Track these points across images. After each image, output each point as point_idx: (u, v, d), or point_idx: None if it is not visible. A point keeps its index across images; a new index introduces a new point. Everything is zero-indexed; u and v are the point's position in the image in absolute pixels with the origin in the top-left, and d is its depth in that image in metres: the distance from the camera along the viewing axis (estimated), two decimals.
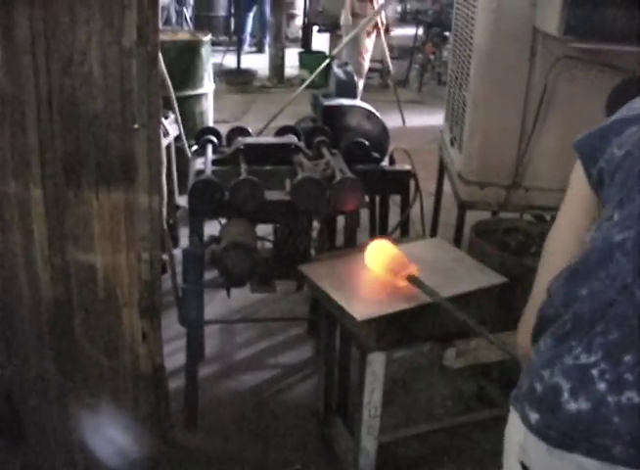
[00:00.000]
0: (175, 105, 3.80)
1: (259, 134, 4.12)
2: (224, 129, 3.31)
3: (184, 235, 3.48)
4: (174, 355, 2.87)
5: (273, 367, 3.27)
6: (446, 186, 3.81)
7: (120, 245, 2.26)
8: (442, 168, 3.95)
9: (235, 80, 8.82)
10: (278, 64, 9.11)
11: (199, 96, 4.92)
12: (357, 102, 3.60)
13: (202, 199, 2.61)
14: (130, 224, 2.24)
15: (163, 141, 3.58)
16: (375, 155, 3.28)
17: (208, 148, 3.05)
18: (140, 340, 2.38)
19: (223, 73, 8.82)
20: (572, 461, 1.05)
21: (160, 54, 2.60)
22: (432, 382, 3.12)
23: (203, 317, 2.81)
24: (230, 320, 3.55)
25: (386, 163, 3.35)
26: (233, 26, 11.12)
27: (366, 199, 2.87)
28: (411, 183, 3.33)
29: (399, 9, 12.04)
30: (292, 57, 9.39)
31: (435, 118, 6.55)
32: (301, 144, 3.06)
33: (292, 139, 3.10)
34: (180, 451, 2.65)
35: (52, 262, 2.24)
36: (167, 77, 3.60)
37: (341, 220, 2.96)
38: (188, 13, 10.56)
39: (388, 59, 7.54)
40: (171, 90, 3.70)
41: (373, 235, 3.68)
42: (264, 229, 3.15)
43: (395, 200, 3.46)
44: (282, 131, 3.27)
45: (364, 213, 3.74)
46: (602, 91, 2.72)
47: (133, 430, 2.48)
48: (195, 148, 3.23)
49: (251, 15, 10.95)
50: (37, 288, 2.26)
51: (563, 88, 2.93)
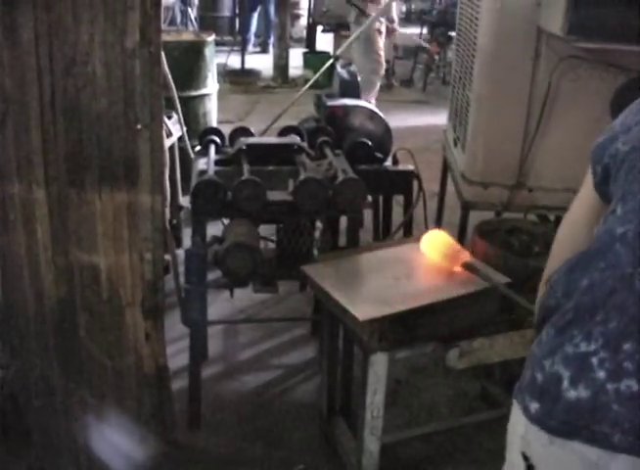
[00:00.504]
0: (178, 105, 3.80)
1: (263, 134, 4.12)
2: (228, 130, 3.31)
3: (187, 235, 3.48)
4: (178, 356, 2.88)
5: (276, 368, 3.27)
6: (450, 186, 3.81)
7: (123, 245, 2.26)
8: (446, 168, 3.94)
9: (239, 80, 8.82)
10: (282, 64, 9.11)
11: (203, 96, 4.93)
12: (360, 102, 3.60)
13: (204, 199, 2.61)
14: (133, 225, 2.25)
15: (167, 142, 3.59)
16: (378, 155, 3.28)
17: (211, 148, 3.05)
18: (143, 340, 2.39)
19: (227, 74, 8.82)
20: (573, 450, 1.06)
21: (164, 54, 2.62)
22: (435, 382, 3.12)
23: (206, 318, 2.80)
24: (233, 321, 3.55)
25: (389, 163, 3.35)
26: (237, 27, 11.13)
27: (369, 199, 2.87)
28: (414, 183, 3.33)
29: (404, 9, 12.04)
30: (296, 57, 9.39)
31: (440, 118, 6.55)
32: (304, 144, 3.06)
33: (294, 139, 3.10)
34: (183, 452, 2.65)
35: (55, 263, 2.25)
36: (170, 78, 3.60)
37: (344, 221, 2.96)
38: (193, 13, 10.58)
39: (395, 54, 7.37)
40: (174, 90, 3.71)
41: (376, 235, 3.68)
42: (267, 229, 3.15)
43: (399, 200, 3.46)
44: (285, 131, 3.27)
45: (367, 214, 3.75)
46: (606, 91, 2.71)
47: (136, 430, 2.49)
48: (198, 148, 3.23)
49: (256, 15, 10.95)
50: (41, 288, 2.27)
51: (567, 88, 2.92)
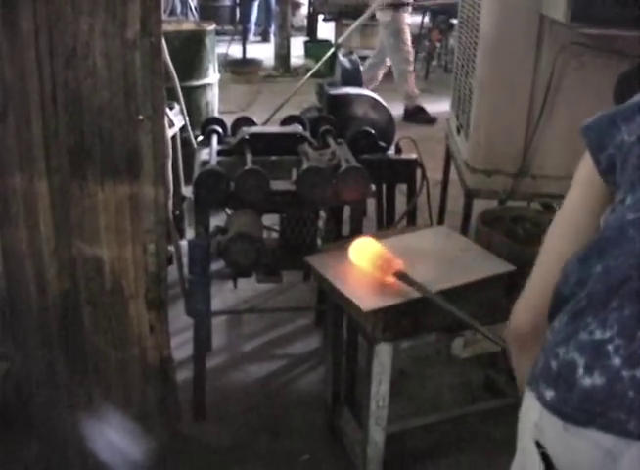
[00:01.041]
0: (180, 96, 3.79)
1: (265, 124, 4.11)
2: (230, 119, 3.30)
3: (190, 226, 3.48)
4: (182, 347, 2.88)
5: (281, 358, 3.27)
6: (453, 175, 3.79)
7: (126, 237, 2.26)
8: (449, 157, 3.92)
9: (240, 70, 8.78)
10: (283, 53, 9.07)
11: (204, 86, 4.91)
12: (363, 90, 3.58)
13: (207, 190, 2.60)
14: (136, 216, 2.24)
15: (169, 132, 3.58)
16: (381, 144, 3.27)
17: (214, 138, 3.04)
18: (147, 332, 2.39)
19: (228, 63, 8.78)
20: (588, 437, 1.06)
21: (165, 44, 2.60)
22: (439, 372, 3.12)
23: (210, 308, 2.80)
24: (237, 311, 3.55)
25: (392, 151, 3.34)
26: (238, 16, 11.09)
27: (372, 188, 2.86)
28: (418, 172, 3.32)
29: None
30: (297, 46, 9.35)
31: (442, 106, 6.53)
32: (307, 134, 3.05)
33: (297, 129, 3.09)
34: (188, 442, 2.66)
35: (58, 255, 2.24)
36: (172, 68, 3.59)
37: (347, 210, 2.96)
38: (193, 2, 10.51)
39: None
40: (176, 81, 3.69)
41: (380, 225, 3.67)
42: (270, 219, 3.14)
43: (402, 189, 3.45)
44: (287, 121, 3.26)
45: (371, 203, 3.74)
46: (610, 78, 2.68)
47: (141, 421, 2.49)
48: (200, 138, 3.22)
49: (257, 4, 10.90)
50: (44, 281, 2.26)
51: (570, 75, 2.90)
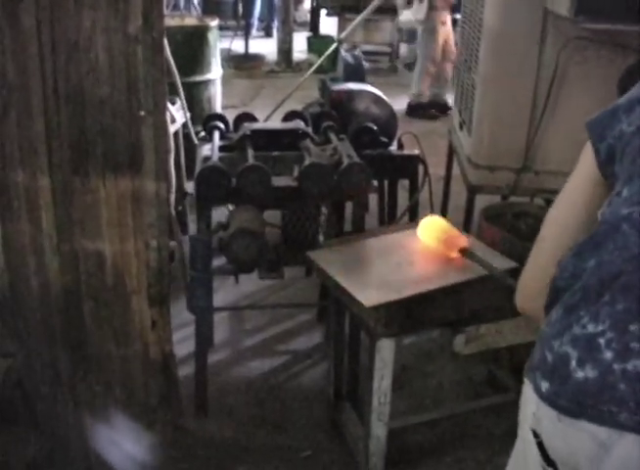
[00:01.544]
0: (182, 91, 3.78)
1: (267, 120, 4.10)
2: (233, 115, 3.29)
3: (192, 222, 3.48)
4: (184, 343, 2.88)
5: (283, 354, 3.27)
6: (456, 170, 3.79)
7: (128, 232, 2.26)
8: (451, 152, 3.92)
9: (243, 65, 8.78)
10: (286, 48, 9.07)
11: (207, 82, 4.90)
12: (365, 86, 3.57)
13: (209, 185, 2.60)
14: (138, 211, 2.24)
15: (171, 128, 3.57)
16: (383, 139, 3.26)
17: (215, 134, 3.04)
18: (149, 327, 2.39)
19: (231, 59, 8.78)
20: (581, 428, 1.08)
21: (167, 39, 2.59)
22: (441, 368, 3.11)
23: (211, 304, 2.80)
24: (239, 307, 3.55)
25: (394, 147, 3.33)
26: (241, 11, 11.07)
27: (375, 184, 2.85)
28: (420, 168, 3.31)
29: None
30: (300, 41, 9.34)
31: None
32: (309, 129, 3.04)
33: (299, 124, 3.08)
34: (190, 438, 2.66)
35: (60, 251, 2.24)
36: (173, 63, 3.58)
37: (349, 206, 2.95)
38: None
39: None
40: (177, 76, 3.68)
41: (382, 220, 3.67)
42: (272, 215, 3.14)
43: (404, 185, 3.45)
44: (289, 116, 3.25)
45: (373, 199, 3.73)
46: (613, 72, 2.68)
47: (144, 417, 2.49)
48: (202, 134, 3.22)
49: None
50: (46, 276, 2.26)
51: (574, 70, 2.89)
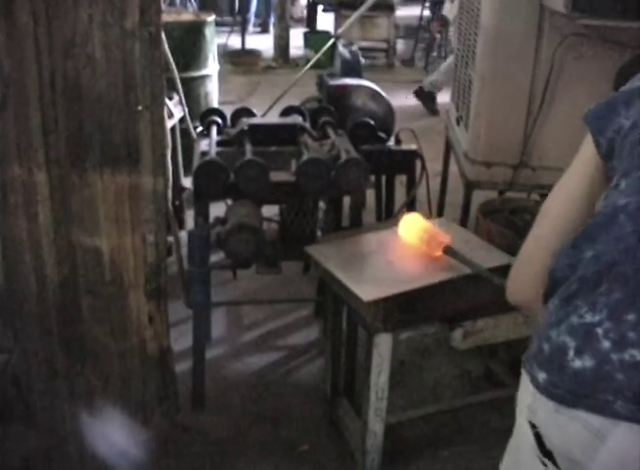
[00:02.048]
0: (179, 86, 3.78)
1: (264, 115, 4.10)
2: (229, 110, 3.29)
3: (190, 217, 3.48)
4: (182, 338, 2.88)
5: (280, 349, 3.28)
6: (453, 166, 3.79)
7: (125, 227, 2.26)
8: (449, 148, 3.92)
9: (240, 61, 8.77)
10: (283, 44, 9.05)
11: (203, 77, 4.89)
12: (363, 81, 3.57)
13: (206, 180, 2.60)
14: (135, 206, 2.24)
15: (168, 123, 3.57)
16: (381, 135, 3.26)
17: (213, 129, 3.04)
18: (147, 322, 2.39)
19: (228, 54, 8.77)
20: (578, 418, 1.08)
21: (164, 35, 2.59)
22: (438, 362, 3.12)
23: (209, 299, 2.81)
24: (236, 302, 3.55)
25: (392, 142, 3.33)
26: (237, 7, 11.04)
27: (372, 179, 2.86)
28: (417, 163, 3.31)
29: None
30: (297, 37, 9.33)
31: (442, 97, 6.52)
32: (307, 124, 3.04)
33: (297, 120, 3.08)
34: (187, 433, 2.67)
35: (57, 246, 2.24)
36: (171, 59, 3.58)
37: (347, 201, 2.95)
38: None
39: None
40: (175, 71, 3.68)
41: (379, 216, 3.67)
42: (270, 210, 3.14)
43: (402, 180, 3.45)
44: (287, 112, 3.25)
45: (370, 194, 3.74)
46: (610, 69, 2.69)
47: (141, 412, 2.49)
48: (199, 129, 3.22)
49: None
50: (43, 271, 2.26)
51: (570, 66, 2.89)
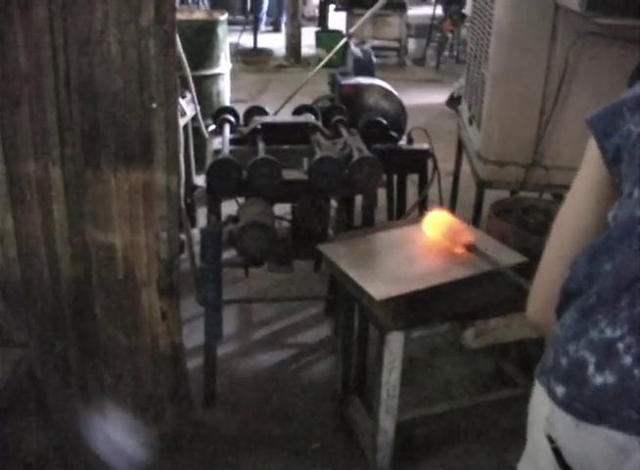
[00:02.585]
0: (192, 84, 3.79)
1: (276, 113, 4.10)
2: (241, 109, 3.30)
3: (202, 215, 3.49)
4: (193, 335, 2.89)
5: (291, 347, 3.29)
6: (465, 165, 3.78)
7: (139, 224, 2.27)
8: (461, 147, 3.91)
9: (252, 60, 8.79)
10: (295, 43, 9.06)
11: (215, 76, 4.91)
12: (375, 80, 3.57)
13: (219, 178, 2.61)
14: (148, 204, 2.25)
15: (181, 121, 3.58)
16: (393, 134, 3.26)
17: (226, 127, 3.04)
18: (159, 319, 2.40)
19: (240, 53, 8.79)
20: (600, 434, 1.06)
21: (177, 33, 2.60)
22: (450, 361, 3.12)
23: (221, 297, 2.81)
24: (248, 300, 3.56)
25: (404, 142, 3.33)
26: (249, 6, 11.05)
27: (384, 178, 2.85)
28: (429, 162, 3.31)
29: None
30: (308, 36, 9.33)
31: None
32: (319, 123, 3.04)
33: (309, 118, 3.08)
34: (199, 430, 2.67)
35: (71, 242, 2.26)
36: (184, 57, 3.59)
37: (359, 200, 2.96)
38: None
39: None
40: (188, 70, 3.69)
41: (391, 215, 3.67)
42: (282, 208, 3.15)
43: (413, 179, 3.45)
44: (299, 110, 3.26)
45: (382, 193, 3.73)
46: (625, 68, 2.66)
47: (152, 408, 2.51)
48: (212, 127, 3.22)
49: None
50: (57, 267, 2.28)
51: (584, 65, 2.88)
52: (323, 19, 10.24)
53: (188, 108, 3.88)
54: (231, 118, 3.14)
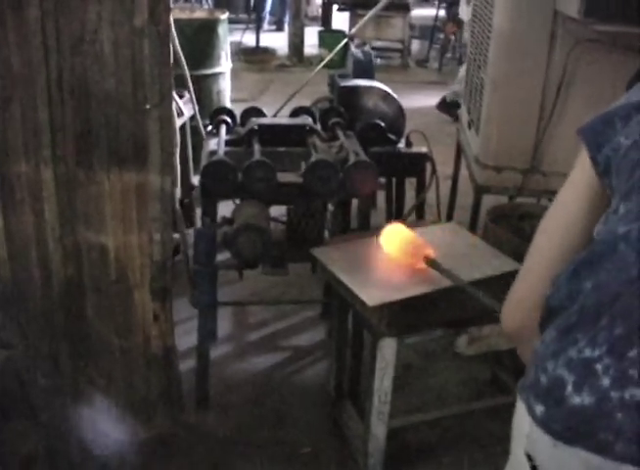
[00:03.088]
0: (190, 84, 3.77)
1: (275, 115, 4.09)
2: (242, 108, 3.28)
3: (199, 215, 3.47)
4: (186, 336, 2.87)
5: (285, 350, 3.27)
6: (463, 169, 3.77)
7: (132, 225, 2.26)
8: (459, 151, 3.90)
9: (254, 59, 8.78)
10: (297, 42, 9.05)
11: (216, 75, 4.89)
12: (374, 83, 3.56)
13: (214, 180, 2.59)
14: (142, 205, 2.24)
15: (178, 121, 3.57)
16: (391, 137, 3.25)
17: (222, 128, 3.03)
18: (151, 321, 2.39)
19: (242, 52, 8.77)
20: (577, 455, 1.03)
21: (177, 32, 2.59)
22: (444, 367, 3.10)
23: (215, 299, 2.80)
24: (242, 302, 3.54)
25: (402, 145, 3.32)
26: (252, 4, 11.04)
27: (382, 181, 2.84)
28: (427, 166, 3.29)
29: None
30: (311, 36, 9.31)
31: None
32: (316, 125, 3.03)
33: (306, 120, 3.07)
34: (191, 432, 2.66)
35: (63, 243, 2.24)
36: (182, 56, 3.57)
37: (356, 203, 2.94)
38: None
39: None
40: (186, 69, 3.67)
41: (389, 218, 3.66)
42: (278, 209, 3.13)
43: (412, 182, 3.43)
44: (297, 112, 3.24)
45: (380, 196, 3.72)
46: (623, 75, 2.62)
47: (144, 410, 2.50)
48: (210, 128, 3.21)
49: None
50: (48, 268, 2.27)
51: (583, 71, 2.87)
52: (326, 18, 10.23)
53: (186, 107, 3.86)
54: (228, 119, 3.12)
